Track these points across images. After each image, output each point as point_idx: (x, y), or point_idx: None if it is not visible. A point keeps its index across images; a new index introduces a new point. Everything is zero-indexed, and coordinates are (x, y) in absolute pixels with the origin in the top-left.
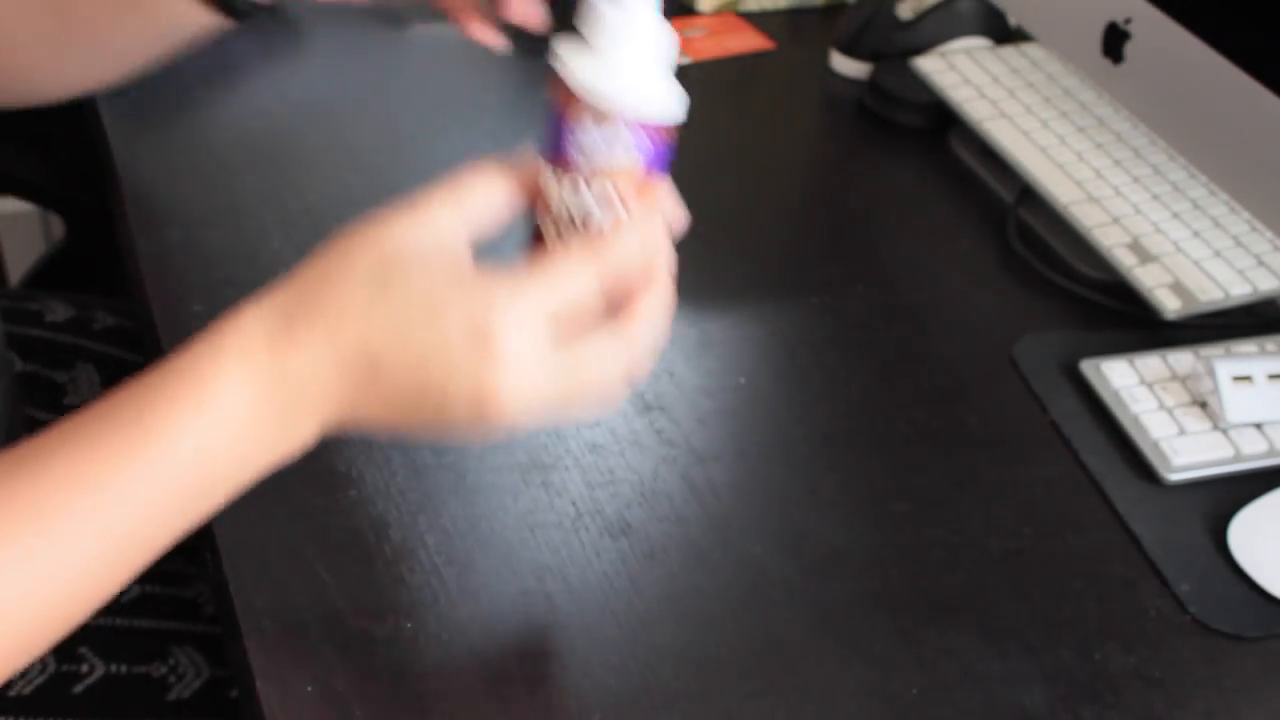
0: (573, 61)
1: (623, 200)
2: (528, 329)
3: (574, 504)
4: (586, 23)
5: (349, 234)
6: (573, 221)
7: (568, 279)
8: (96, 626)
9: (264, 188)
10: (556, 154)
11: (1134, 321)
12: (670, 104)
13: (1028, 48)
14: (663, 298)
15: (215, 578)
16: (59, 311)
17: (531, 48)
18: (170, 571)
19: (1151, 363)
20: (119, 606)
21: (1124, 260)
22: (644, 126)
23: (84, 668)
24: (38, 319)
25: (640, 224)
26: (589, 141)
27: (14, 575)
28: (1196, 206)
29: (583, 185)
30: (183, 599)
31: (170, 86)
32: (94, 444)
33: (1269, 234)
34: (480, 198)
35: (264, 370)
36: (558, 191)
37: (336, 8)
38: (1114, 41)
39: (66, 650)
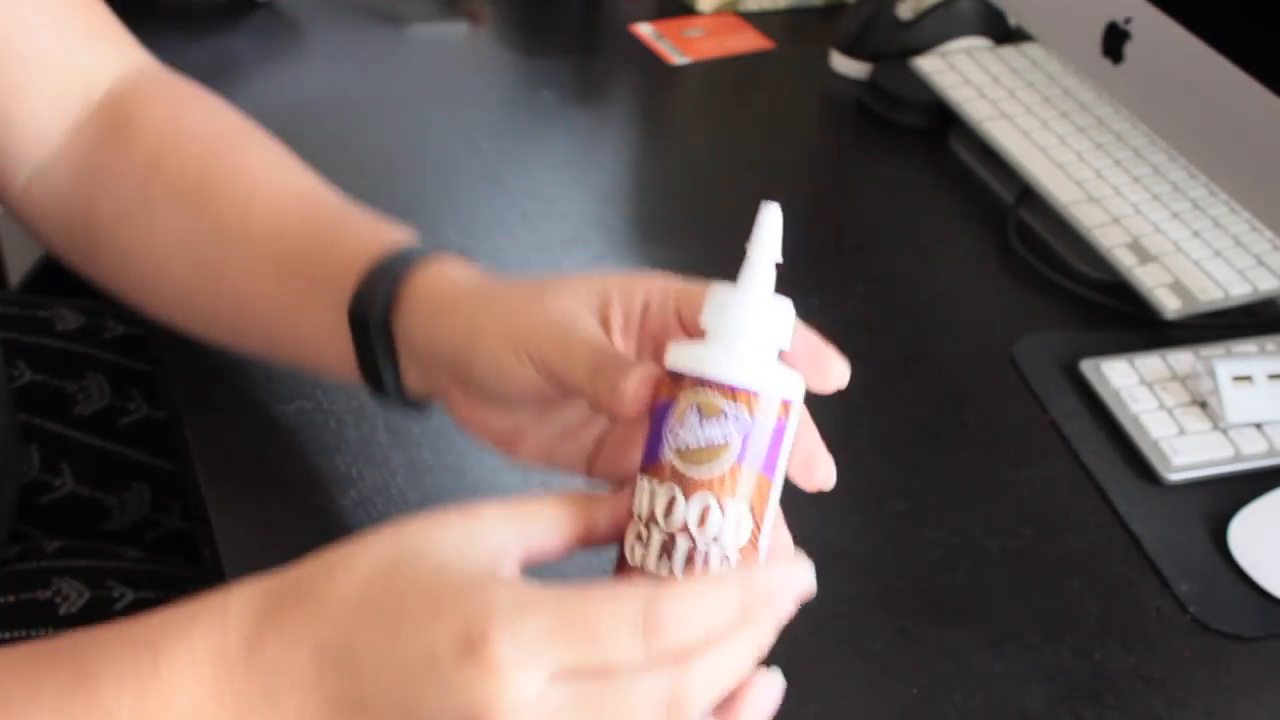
0: (683, 349)
1: (723, 508)
2: (534, 647)
3: None
4: (705, 311)
5: (383, 526)
6: (664, 548)
7: (606, 618)
8: None
9: None
10: (653, 458)
11: (1134, 321)
12: (789, 384)
13: (1028, 48)
14: (737, 654)
15: (215, 578)
16: (69, 320)
17: None
18: (166, 575)
19: (1151, 363)
20: (113, 615)
21: (1124, 260)
22: (757, 413)
23: None
24: (48, 327)
25: (740, 577)
26: (692, 436)
27: None
28: (1196, 206)
29: (679, 495)
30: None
31: None
32: (32, 691)
33: (1269, 234)
34: (543, 521)
35: (231, 652)
36: (648, 503)
37: None
38: (1114, 41)
39: None
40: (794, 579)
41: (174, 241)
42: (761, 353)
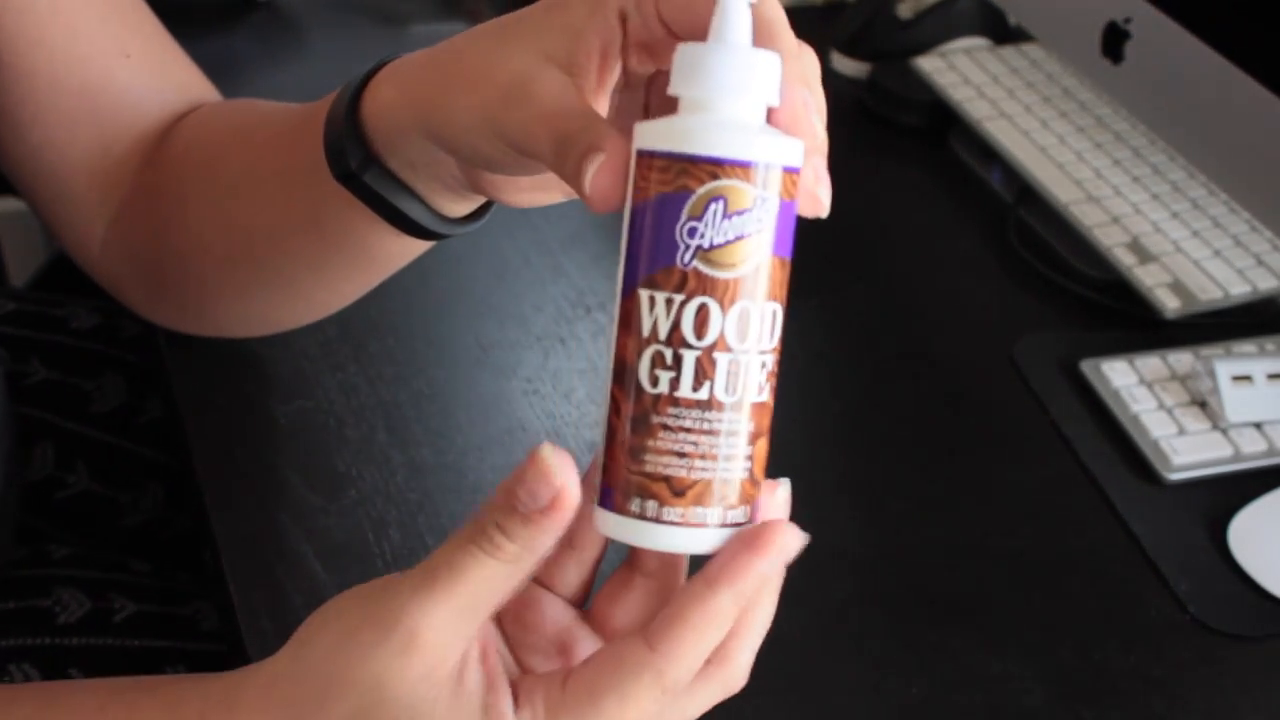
0: (666, 126)
1: (760, 309)
2: None
3: None
4: (681, 78)
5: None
6: (699, 370)
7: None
8: (87, 647)
9: None
10: (660, 264)
11: (1134, 321)
12: (796, 150)
13: (1028, 48)
14: (757, 630)
15: (215, 577)
16: (85, 318)
17: None
18: (167, 589)
19: (1151, 362)
20: (111, 626)
21: (1124, 260)
22: (781, 192)
23: None
24: (63, 325)
25: (728, 590)
26: (719, 234)
27: None
28: (1196, 206)
29: (711, 305)
30: (178, 617)
31: None
32: None
33: (1268, 233)
34: (482, 583)
35: None
36: (669, 320)
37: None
38: (1114, 41)
39: (56, 673)
40: (782, 554)
41: (205, 214)
42: (760, 116)
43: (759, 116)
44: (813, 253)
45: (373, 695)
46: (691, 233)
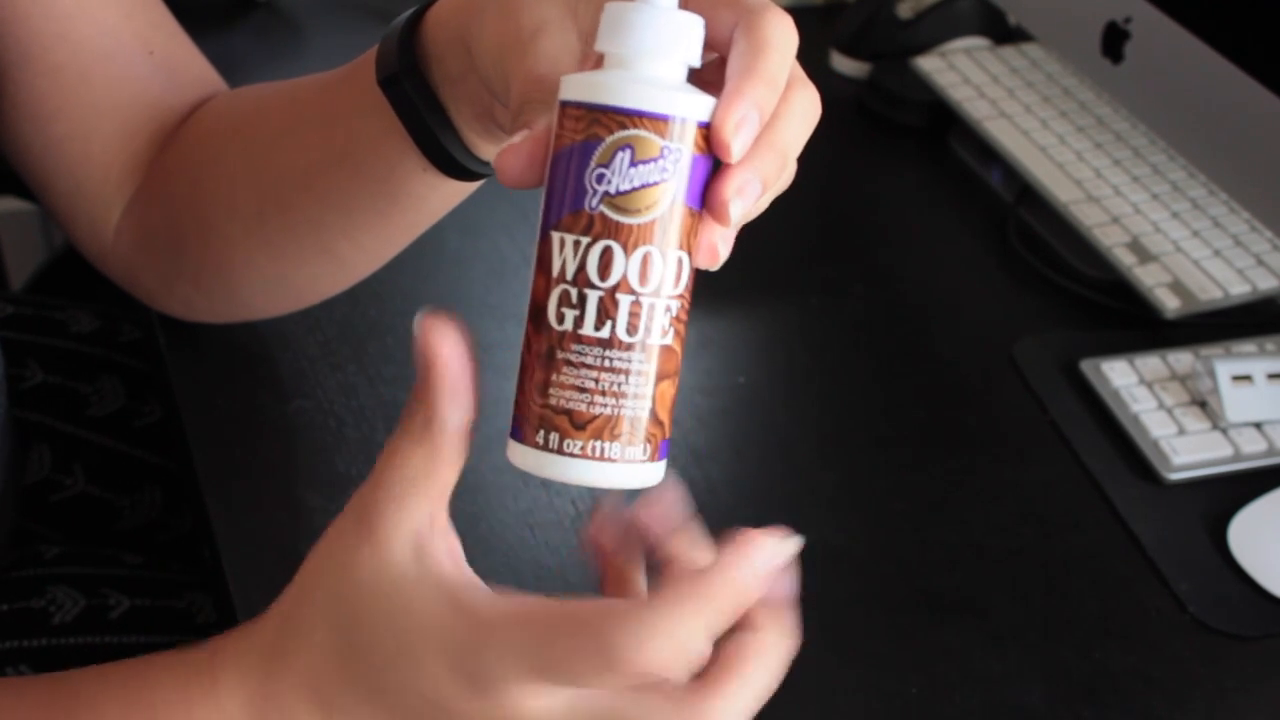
0: (587, 79)
1: (664, 256)
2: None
3: (573, 503)
4: (604, 35)
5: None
6: (602, 310)
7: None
8: (83, 645)
9: None
10: (571, 208)
11: (1134, 321)
12: (707, 106)
13: (1027, 47)
14: (765, 657)
15: (215, 577)
16: (84, 322)
17: None
18: (162, 581)
19: (1151, 362)
20: (107, 623)
21: (1124, 259)
22: (687, 144)
23: None
24: (62, 329)
25: (709, 588)
26: (624, 180)
27: None
28: (1196, 206)
29: (615, 248)
30: (174, 610)
31: None
32: None
33: (1268, 233)
34: (429, 462)
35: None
36: (575, 261)
37: None
38: (1113, 41)
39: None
40: (770, 560)
41: (238, 171)
42: (679, 74)
43: (677, 73)
44: (813, 253)
45: (343, 577)
46: (599, 179)
